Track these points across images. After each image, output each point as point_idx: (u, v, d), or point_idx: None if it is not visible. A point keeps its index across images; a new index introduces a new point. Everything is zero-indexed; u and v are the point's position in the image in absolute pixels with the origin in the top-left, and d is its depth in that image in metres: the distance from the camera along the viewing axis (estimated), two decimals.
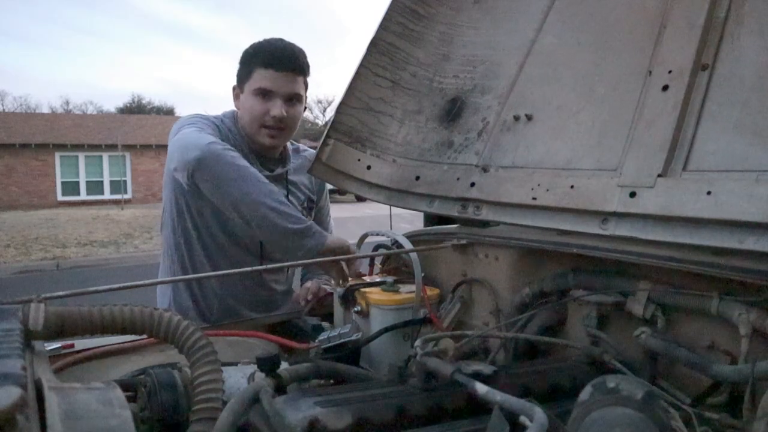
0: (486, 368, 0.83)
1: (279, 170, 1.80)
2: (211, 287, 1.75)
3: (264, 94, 1.69)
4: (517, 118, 1.34)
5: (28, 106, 43.70)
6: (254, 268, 1.35)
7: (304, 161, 1.89)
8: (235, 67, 1.80)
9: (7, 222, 14.59)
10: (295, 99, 1.74)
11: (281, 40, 1.75)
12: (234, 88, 1.78)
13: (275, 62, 1.69)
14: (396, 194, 1.51)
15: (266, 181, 1.54)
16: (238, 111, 1.79)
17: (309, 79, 1.79)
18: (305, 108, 1.85)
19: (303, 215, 1.64)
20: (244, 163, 1.53)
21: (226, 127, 1.74)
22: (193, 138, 1.56)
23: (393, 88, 1.57)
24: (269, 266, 1.71)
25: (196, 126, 1.64)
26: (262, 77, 1.68)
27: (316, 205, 1.93)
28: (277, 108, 1.69)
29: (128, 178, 21.61)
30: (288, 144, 1.87)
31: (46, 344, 0.96)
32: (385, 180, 1.52)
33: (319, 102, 36.78)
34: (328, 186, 1.81)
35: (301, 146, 1.96)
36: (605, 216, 1.08)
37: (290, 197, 1.79)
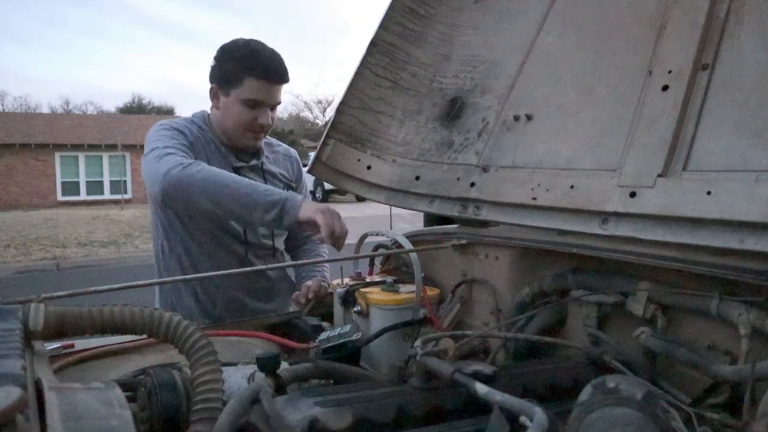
0: (486, 368, 0.83)
1: (254, 161, 1.83)
2: (212, 282, 1.78)
3: (254, 104, 1.71)
4: (517, 118, 1.34)
5: (28, 106, 43.62)
6: (251, 268, 1.38)
7: (279, 155, 1.94)
8: None
9: (7, 222, 14.59)
10: (277, 106, 1.79)
11: (264, 45, 1.75)
12: (212, 88, 1.77)
13: (269, 74, 1.70)
14: (396, 194, 1.51)
15: (229, 175, 1.56)
16: (213, 110, 1.80)
17: (308, 79, 1.81)
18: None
19: None
20: (204, 174, 1.52)
21: (196, 127, 1.76)
22: (152, 169, 1.57)
23: (393, 88, 1.57)
24: (265, 266, 1.72)
25: (157, 144, 1.64)
26: (254, 88, 1.69)
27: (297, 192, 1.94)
28: (266, 117, 1.74)
29: (128, 178, 21.60)
30: None
31: (46, 344, 0.97)
32: (385, 180, 1.52)
33: (319, 102, 36.69)
34: (328, 186, 1.82)
35: (273, 140, 1.97)
36: (605, 216, 1.08)
37: (269, 185, 1.81)
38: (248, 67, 1.69)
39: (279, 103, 1.78)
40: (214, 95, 1.78)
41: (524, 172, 1.26)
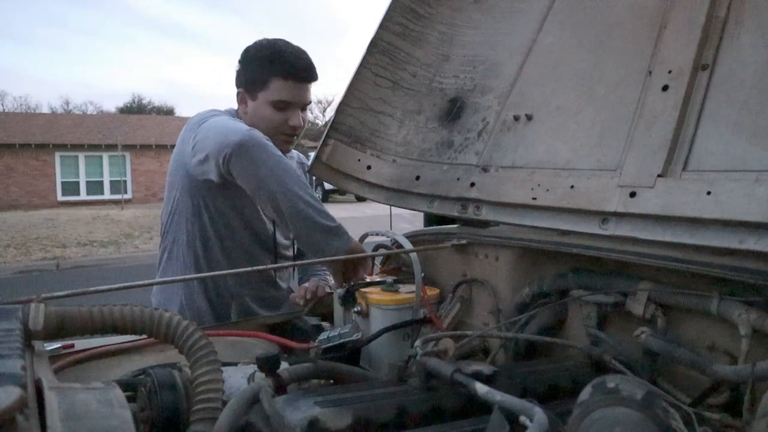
0: (486, 368, 0.83)
1: None
2: (226, 287, 1.74)
3: (284, 105, 1.68)
4: (517, 118, 1.34)
5: (28, 106, 43.57)
6: (263, 267, 1.36)
7: (293, 163, 1.91)
8: (234, 66, 1.77)
9: (7, 222, 14.58)
10: (307, 106, 1.75)
11: (289, 44, 1.72)
12: (239, 93, 1.73)
13: (295, 74, 1.66)
14: (396, 194, 1.51)
15: (301, 175, 1.53)
16: (241, 114, 1.76)
17: None
18: None
19: None
20: (280, 154, 1.50)
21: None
22: (231, 124, 1.53)
23: (393, 88, 1.57)
24: (277, 265, 1.71)
25: (225, 117, 1.62)
26: (282, 89, 1.66)
27: None
28: (297, 118, 1.70)
29: (128, 178, 21.60)
30: None
31: (46, 344, 0.97)
32: (385, 180, 1.52)
33: (319, 102, 36.61)
34: (328, 186, 1.82)
35: None
36: (605, 216, 1.08)
37: None
38: (274, 68, 1.65)
39: (309, 102, 1.74)
40: (241, 100, 1.74)
41: (524, 172, 1.26)
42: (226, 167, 1.48)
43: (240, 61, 1.73)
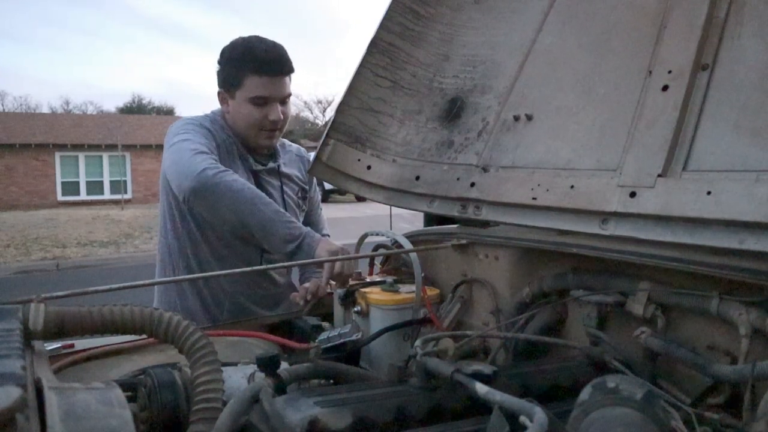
0: (486, 368, 0.83)
1: (271, 164, 1.82)
2: (219, 286, 1.75)
3: (262, 101, 1.69)
4: (517, 118, 1.34)
5: (28, 106, 43.54)
6: (257, 267, 1.38)
7: (291, 155, 1.93)
8: None
9: (7, 222, 14.58)
10: (287, 99, 1.76)
11: (263, 39, 1.73)
12: (220, 93, 1.76)
13: (268, 68, 1.67)
14: (396, 194, 1.51)
15: (260, 194, 1.56)
16: (225, 113, 1.78)
17: (308, 79, 1.80)
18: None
19: (299, 204, 1.79)
20: (238, 186, 1.53)
21: (218, 127, 1.74)
22: (186, 162, 1.55)
23: (393, 88, 1.57)
24: (271, 266, 1.72)
25: (190, 137, 1.63)
26: (257, 85, 1.68)
27: (308, 194, 1.95)
28: (275, 112, 1.71)
29: (128, 178, 21.59)
30: None
31: (46, 344, 0.97)
32: (385, 180, 1.52)
33: (319, 102, 36.60)
34: (328, 186, 1.82)
35: (285, 141, 1.96)
36: (605, 216, 1.08)
37: (285, 188, 1.82)
38: (247, 65, 1.67)
39: (288, 95, 1.75)
40: (222, 100, 1.77)
41: (524, 172, 1.26)
42: (189, 207, 1.62)
43: (218, 62, 1.76)
